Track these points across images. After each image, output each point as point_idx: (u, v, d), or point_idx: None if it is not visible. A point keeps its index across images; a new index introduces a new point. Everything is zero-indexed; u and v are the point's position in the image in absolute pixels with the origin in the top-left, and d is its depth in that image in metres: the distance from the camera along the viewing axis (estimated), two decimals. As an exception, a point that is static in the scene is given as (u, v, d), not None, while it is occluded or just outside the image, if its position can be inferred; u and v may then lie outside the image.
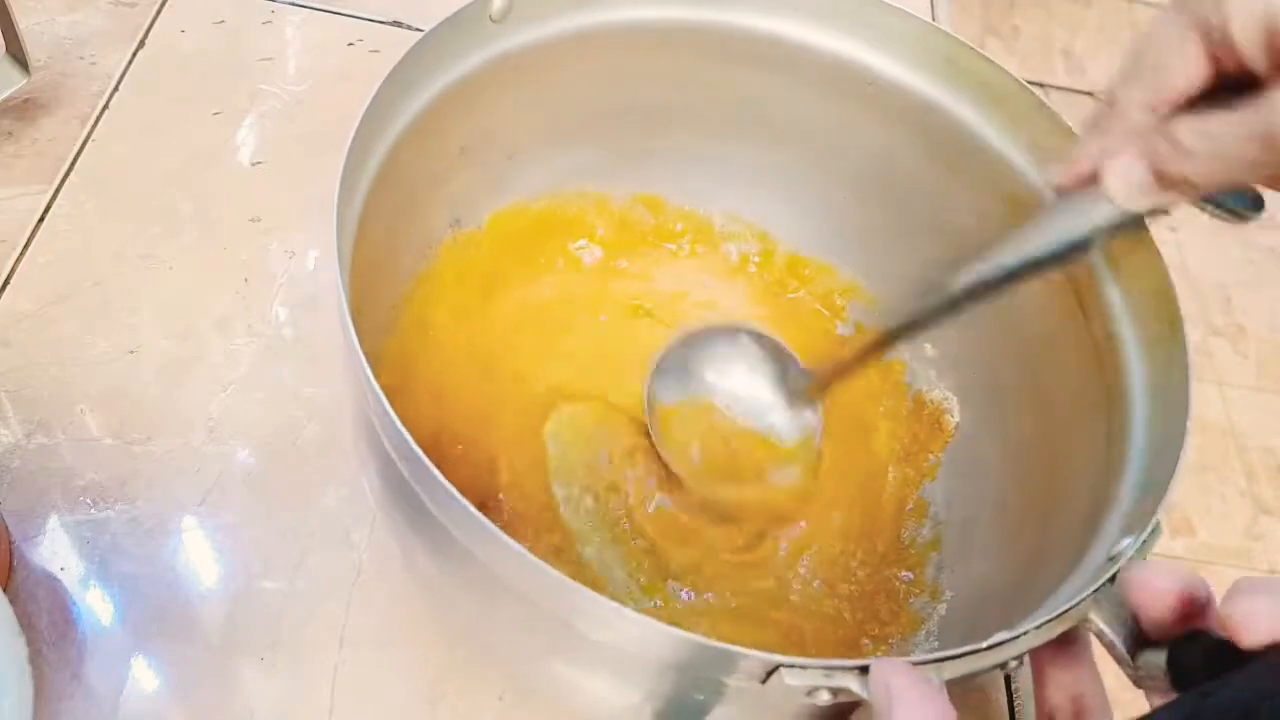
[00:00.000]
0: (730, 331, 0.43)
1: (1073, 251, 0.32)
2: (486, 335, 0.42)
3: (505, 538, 0.25)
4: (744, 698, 0.27)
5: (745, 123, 0.43)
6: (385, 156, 0.32)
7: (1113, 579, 0.27)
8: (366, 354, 0.27)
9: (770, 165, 0.45)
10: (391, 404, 0.26)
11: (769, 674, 0.25)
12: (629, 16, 0.38)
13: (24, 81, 0.48)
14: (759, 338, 0.43)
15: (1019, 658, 0.26)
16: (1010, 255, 0.33)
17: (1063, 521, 0.35)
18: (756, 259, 0.47)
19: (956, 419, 0.44)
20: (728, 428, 0.42)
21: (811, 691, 0.24)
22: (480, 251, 0.42)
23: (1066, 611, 0.26)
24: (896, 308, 0.43)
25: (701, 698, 0.28)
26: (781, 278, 0.47)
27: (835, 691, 0.24)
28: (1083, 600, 0.27)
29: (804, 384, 0.42)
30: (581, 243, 0.45)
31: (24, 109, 0.50)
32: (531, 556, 0.24)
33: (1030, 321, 0.39)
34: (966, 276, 0.35)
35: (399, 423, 0.26)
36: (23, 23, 0.47)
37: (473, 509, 0.25)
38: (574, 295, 0.45)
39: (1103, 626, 0.26)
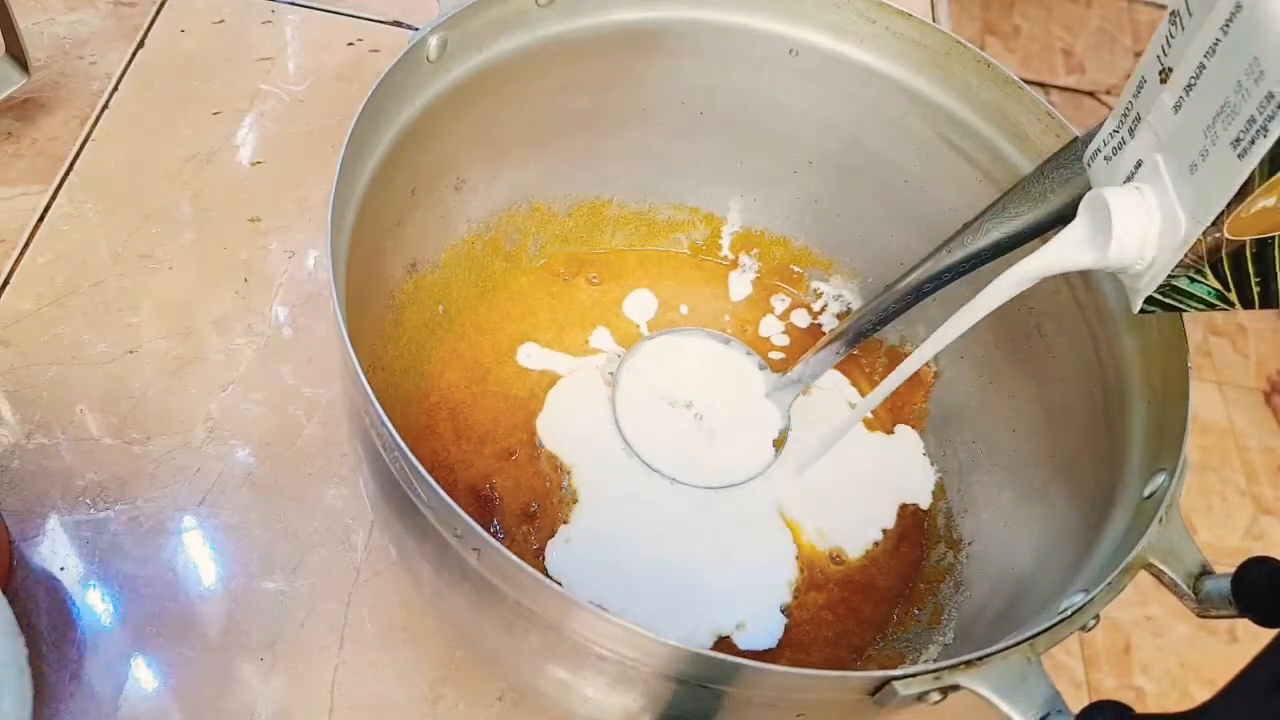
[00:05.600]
0: (696, 337, 0.45)
1: (1059, 222, 0.33)
2: (472, 347, 0.43)
3: (499, 546, 0.24)
4: (746, 706, 0.28)
5: (683, 113, 0.44)
6: (356, 212, 0.33)
7: (1161, 519, 0.28)
8: (359, 354, 0.27)
9: (717, 151, 0.45)
10: (392, 419, 0.26)
11: (879, 688, 0.25)
12: (561, 30, 0.38)
13: (24, 81, 0.48)
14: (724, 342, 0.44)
15: (1096, 616, 0.27)
16: (995, 229, 0.33)
17: (1065, 462, 0.36)
18: (704, 242, 0.48)
19: (935, 368, 0.44)
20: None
21: (922, 695, 0.25)
22: (440, 289, 0.42)
23: (1130, 561, 0.27)
24: (867, 289, 0.44)
25: (704, 706, 0.28)
26: (735, 256, 0.48)
27: (945, 691, 0.25)
28: (1143, 546, 0.27)
29: (773, 386, 0.43)
30: (533, 256, 0.45)
31: (24, 109, 0.50)
32: (524, 564, 0.24)
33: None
34: (949, 255, 0.35)
35: (389, 423, 0.26)
36: (22, 23, 0.47)
37: (463, 513, 0.25)
38: (537, 306, 0.45)
39: (1161, 566, 0.27)
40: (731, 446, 0.42)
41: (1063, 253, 0.29)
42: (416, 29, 0.34)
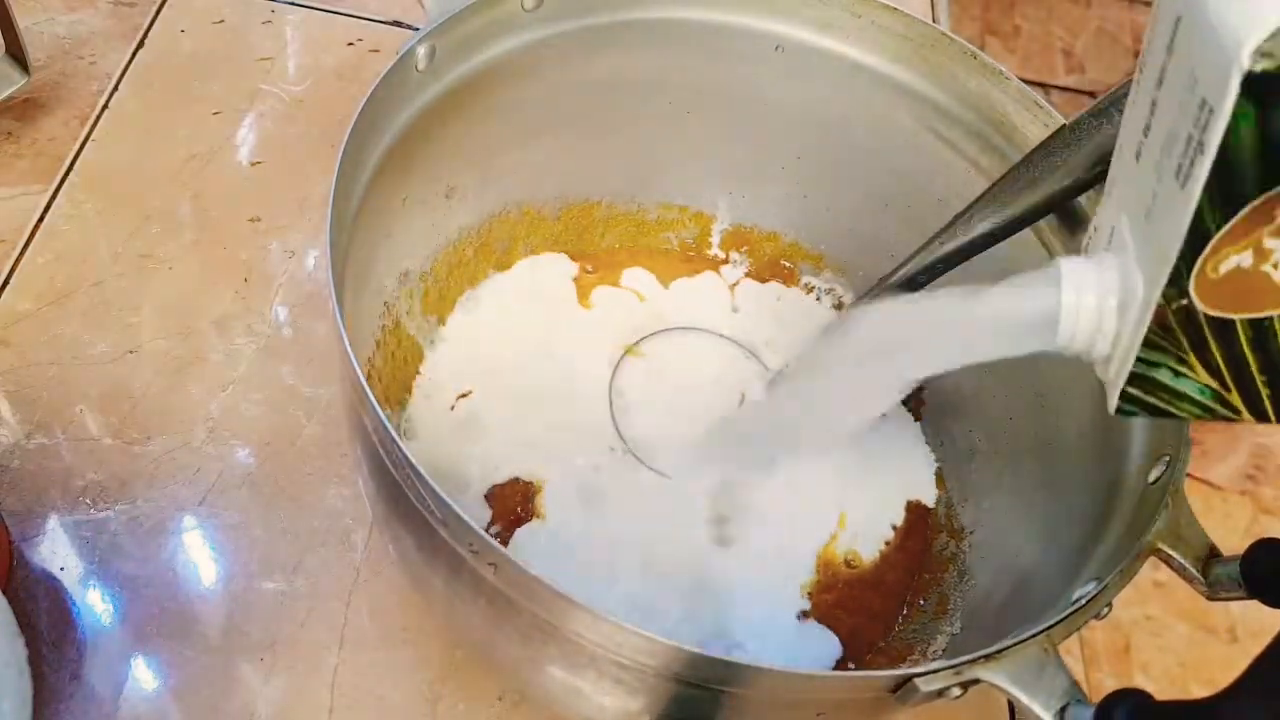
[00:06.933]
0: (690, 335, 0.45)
1: (1047, 210, 0.33)
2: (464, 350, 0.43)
3: (517, 561, 0.25)
4: (767, 706, 0.28)
5: (670, 112, 0.44)
6: (350, 225, 0.33)
7: (1168, 503, 0.28)
8: (356, 353, 0.27)
9: (704, 150, 0.45)
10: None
11: (900, 685, 0.25)
12: (548, 34, 0.38)
13: (24, 81, 0.48)
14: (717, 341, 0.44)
15: (1109, 604, 0.27)
16: (986, 220, 0.33)
17: (1065, 448, 0.36)
18: (694, 240, 0.48)
19: None
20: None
21: (943, 691, 0.25)
22: (435, 297, 0.43)
23: (1139, 548, 0.27)
24: (858, 282, 0.45)
25: (724, 708, 0.28)
26: (725, 253, 0.48)
27: (965, 685, 0.25)
28: (1152, 532, 0.27)
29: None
30: (524, 263, 0.45)
31: (24, 109, 0.50)
32: (545, 579, 0.24)
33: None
34: (941, 247, 0.35)
35: (402, 443, 0.26)
36: (22, 23, 0.47)
37: (481, 531, 0.25)
38: (520, 307, 0.45)
39: (1170, 551, 0.27)
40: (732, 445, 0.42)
41: (1011, 334, 0.26)
42: (416, 29, 0.34)
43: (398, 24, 0.57)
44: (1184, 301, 0.20)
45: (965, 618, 0.37)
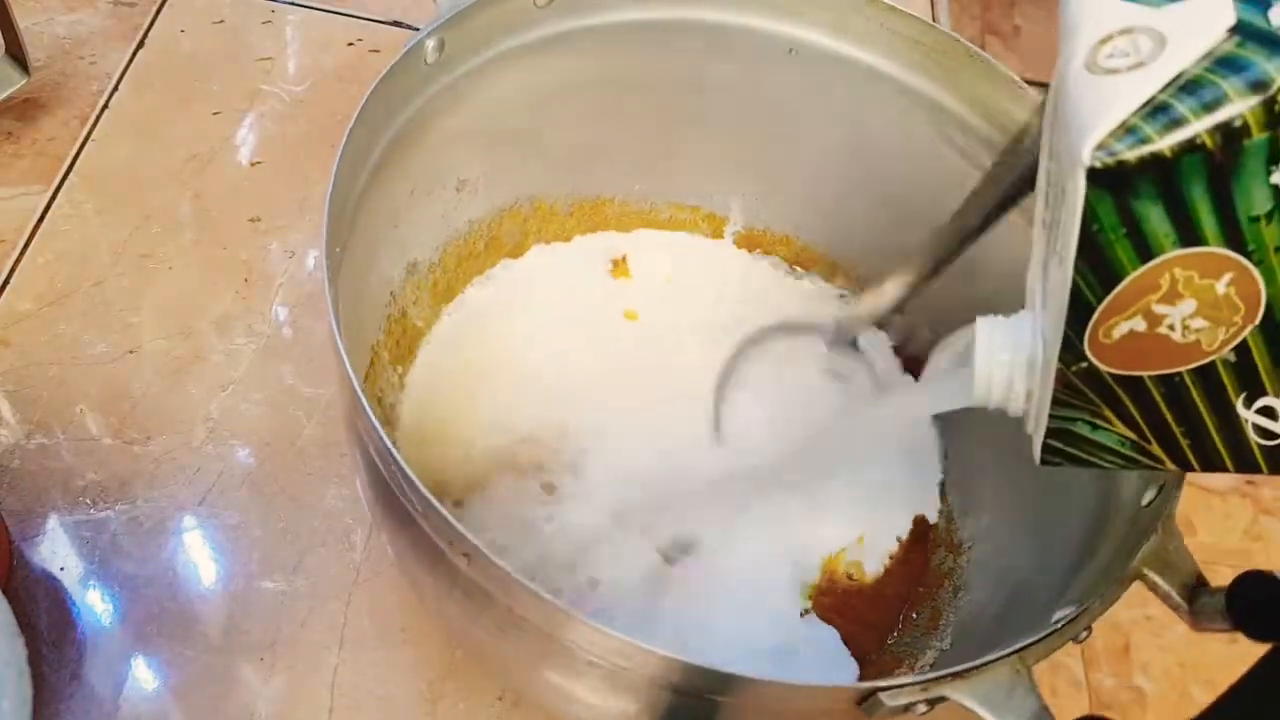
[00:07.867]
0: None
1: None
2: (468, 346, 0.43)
3: (488, 552, 0.24)
4: (739, 712, 0.28)
5: (683, 112, 0.43)
6: (353, 215, 0.33)
7: (1158, 529, 0.27)
8: (361, 353, 0.27)
9: (717, 151, 0.45)
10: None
11: (865, 698, 0.25)
12: (559, 30, 0.38)
13: (24, 81, 0.48)
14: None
15: (1088, 628, 0.26)
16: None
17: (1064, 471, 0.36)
18: (705, 239, 0.48)
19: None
20: None
21: (909, 706, 0.25)
22: (444, 288, 0.43)
23: (1125, 573, 0.27)
24: (869, 288, 0.43)
25: (699, 712, 0.28)
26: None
27: (932, 702, 0.25)
28: (1139, 558, 0.27)
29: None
30: (536, 250, 0.45)
31: (24, 109, 0.50)
32: (512, 571, 0.24)
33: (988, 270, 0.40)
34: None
35: (379, 425, 0.26)
36: (22, 23, 0.47)
37: (450, 517, 0.25)
38: (534, 303, 0.45)
39: (1156, 578, 0.27)
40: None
41: (931, 394, 0.27)
42: (417, 29, 0.34)
43: (398, 24, 0.57)
44: (1083, 364, 0.21)
45: (956, 633, 0.37)
